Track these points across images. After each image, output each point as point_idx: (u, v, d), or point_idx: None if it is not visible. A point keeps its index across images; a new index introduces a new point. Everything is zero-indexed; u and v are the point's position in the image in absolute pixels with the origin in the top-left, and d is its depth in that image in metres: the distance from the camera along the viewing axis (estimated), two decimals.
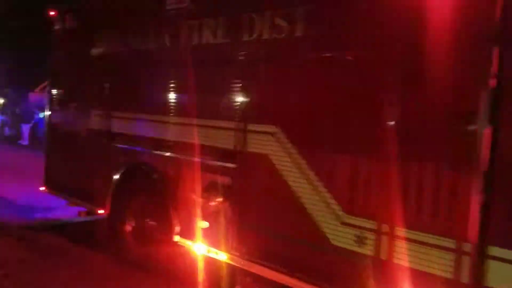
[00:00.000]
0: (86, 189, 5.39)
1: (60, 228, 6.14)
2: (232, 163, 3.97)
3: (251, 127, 3.83)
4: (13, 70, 25.83)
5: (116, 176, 5.00)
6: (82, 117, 5.54)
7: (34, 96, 23.86)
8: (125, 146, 5.01)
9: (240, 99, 3.91)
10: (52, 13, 6.07)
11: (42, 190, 6.11)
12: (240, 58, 3.88)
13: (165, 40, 4.63)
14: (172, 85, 4.54)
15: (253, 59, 3.80)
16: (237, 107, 3.92)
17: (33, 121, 20.43)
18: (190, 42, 4.33)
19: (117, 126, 5.13)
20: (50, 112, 6.19)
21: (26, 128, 19.23)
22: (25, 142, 18.63)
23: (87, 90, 5.56)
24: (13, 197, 7.70)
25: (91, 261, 5.03)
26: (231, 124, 3.95)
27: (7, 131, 20.98)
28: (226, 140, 4.01)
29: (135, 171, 4.90)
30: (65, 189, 5.75)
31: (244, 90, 3.88)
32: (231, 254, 3.95)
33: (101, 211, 5.17)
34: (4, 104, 23.87)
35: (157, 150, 4.66)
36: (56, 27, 5.96)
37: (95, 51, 5.50)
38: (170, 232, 4.52)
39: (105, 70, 5.28)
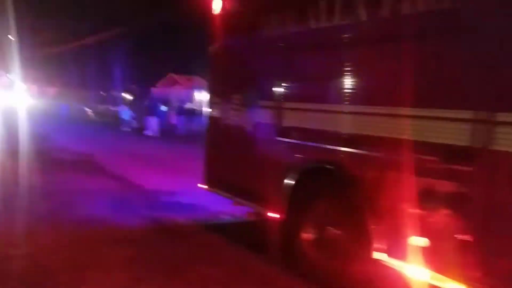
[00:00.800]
0: (254, 189, 4.79)
1: (223, 227, 5.76)
2: (467, 164, 3.04)
3: (500, 117, 2.85)
4: (138, 68, 27.78)
5: (294, 177, 4.31)
6: (250, 110, 4.94)
7: (156, 91, 25.49)
8: (305, 143, 4.28)
9: (478, 77, 2.95)
10: None
11: (201, 187, 5.72)
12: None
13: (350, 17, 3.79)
14: (367, 68, 3.71)
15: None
16: (475, 90, 2.97)
17: (160, 114, 21.64)
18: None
19: (294, 119, 4.43)
20: (211, 106, 5.72)
21: (152, 121, 20.41)
22: (150, 133, 19.75)
23: (255, 80, 4.94)
24: (170, 191, 7.59)
25: (253, 267, 4.46)
26: (466, 114, 3.03)
27: (135, 123, 22.70)
28: (456, 135, 3.10)
29: (318, 171, 4.15)
30: (229, 188, 5.22)
31: (488, 64, 2.90)
32: (470, 285, 3.02)
33: (273, 215, 4.55)
34: (131, 99, 26.06)
35: (349, 147, 3.86)
36: (216, 12, 5.41)
37: (264, 36, 4.84)
38: (366, 246, 3.72)
39: (277, 56, 4.61)
